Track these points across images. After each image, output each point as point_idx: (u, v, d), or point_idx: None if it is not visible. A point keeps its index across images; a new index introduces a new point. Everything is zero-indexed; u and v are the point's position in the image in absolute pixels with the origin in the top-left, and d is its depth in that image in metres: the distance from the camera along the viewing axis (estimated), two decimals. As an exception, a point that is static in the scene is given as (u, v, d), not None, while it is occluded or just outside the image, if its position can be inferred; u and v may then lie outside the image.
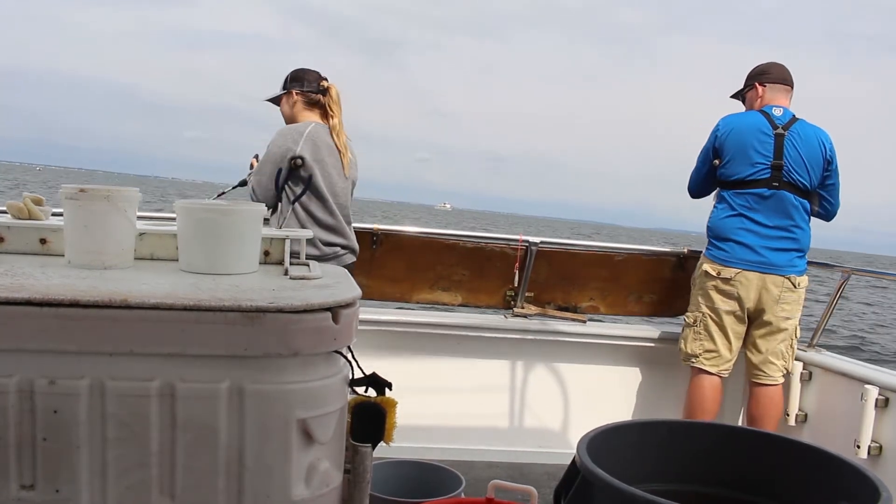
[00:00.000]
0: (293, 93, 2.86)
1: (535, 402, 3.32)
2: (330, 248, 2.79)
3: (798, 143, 2.93)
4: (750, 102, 3.11)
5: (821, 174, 2.96)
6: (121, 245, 1.33)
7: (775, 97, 3.04)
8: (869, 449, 2.68)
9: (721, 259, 2.95)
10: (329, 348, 1.15)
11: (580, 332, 3.30)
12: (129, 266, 1.35)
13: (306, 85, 2.85)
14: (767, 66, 3.10)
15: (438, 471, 2.27)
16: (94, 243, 1.31)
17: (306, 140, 2.73)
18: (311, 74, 2.89)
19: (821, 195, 3.01)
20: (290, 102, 2.88)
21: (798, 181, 2.92)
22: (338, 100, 2.87)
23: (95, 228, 1.30)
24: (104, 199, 1.29)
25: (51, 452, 1.05)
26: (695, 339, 3.00)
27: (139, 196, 1.36)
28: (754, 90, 3.08)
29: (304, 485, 1.15)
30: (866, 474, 1.29)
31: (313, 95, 2.85)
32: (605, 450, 1.36)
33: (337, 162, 2.81)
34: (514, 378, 3.31)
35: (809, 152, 2.93)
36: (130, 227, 1.35)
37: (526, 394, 3.31)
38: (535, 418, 3.31)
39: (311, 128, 2.77)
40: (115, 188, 1.32)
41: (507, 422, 3.31)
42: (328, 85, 2.87)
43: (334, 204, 2.79)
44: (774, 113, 2.97)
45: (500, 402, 3.30)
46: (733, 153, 2.94)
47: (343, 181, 2.84)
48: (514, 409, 3.31)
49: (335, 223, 2.80)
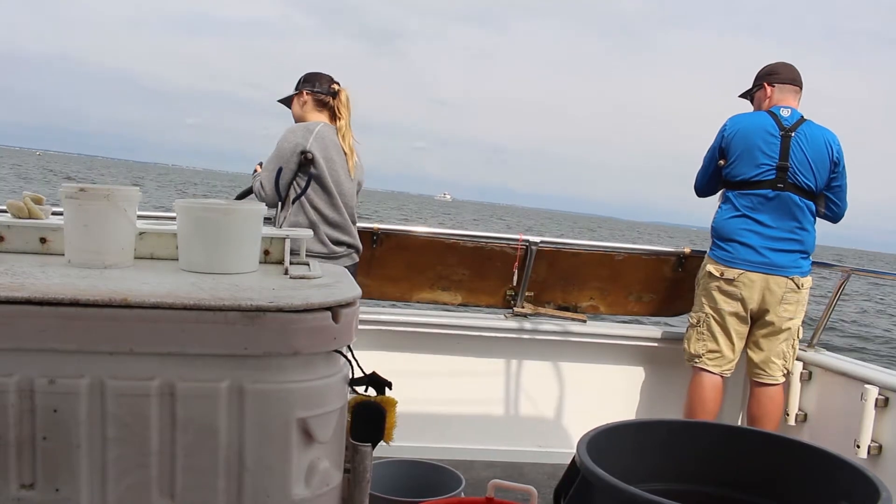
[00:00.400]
0: (304, 93, 2.94)
1: (534, 402, 3.32)
2: (339, 247, 2.83)
3: (805, 145, 2.90)
4: (758, 102, 3.10)
5: (827, 176, 2.94)
6: (121, 244, 1.33)
7: (784, 98, 3.03)
8: (869, 449, 2.68)
9: (724, 260, 2.95)
10: (329, 348, 1.15)
11: (580, 332, 3.30)
12: (129, 265, 1.35)
13: (317, 86, 2.93)
14: (776, 67, 3.09)
15: (438, 470, 2.27)
16: (94, 242, 1.30)
17: (316, 137, 2.79)
18: (324, 77, 2.96)
19: (827, 197, 2.98)
20: (301, 102, 2.95)
21: (803, 183, 2.90)
22: (347, 103, 2.94)
23: (95, 228, 1.30)
24: (104, 199, 1.29)
25: (51, 452, 1.05)
26: (698, 340, 3.00)
27: (139, 195, 1.36)
28: (763, 90, 3.07)
29: (304, 484, 1.15)
30: (866, 474, 1.29)
31: (323, 97, 2.92)
32: (605, 450, 1.36)
33: (343, 162, 2.87)
34: (514, 378, 3.31)
35: (816, 154, 2.91)
36: (130, 226, 1.35)
37: (526, 393, 3.31)
38: (535, 418, 3.31)
39: (320, 127, 2.84)
40: (115, 187, 1.32)
41: (507, 421, 3.31)
42: (339, 88, 2.94)
43: (342, 203, 2.84)
44: (782, 114, 2.96)
45: (500, 401, 3.30)
46: (739, 153, 2.93)
47: (349, 181, 2.89)
48: (514, 409, 3.31)
49: (342, 221, 2.85)
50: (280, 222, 2.79)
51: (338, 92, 2.93)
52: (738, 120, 3.01)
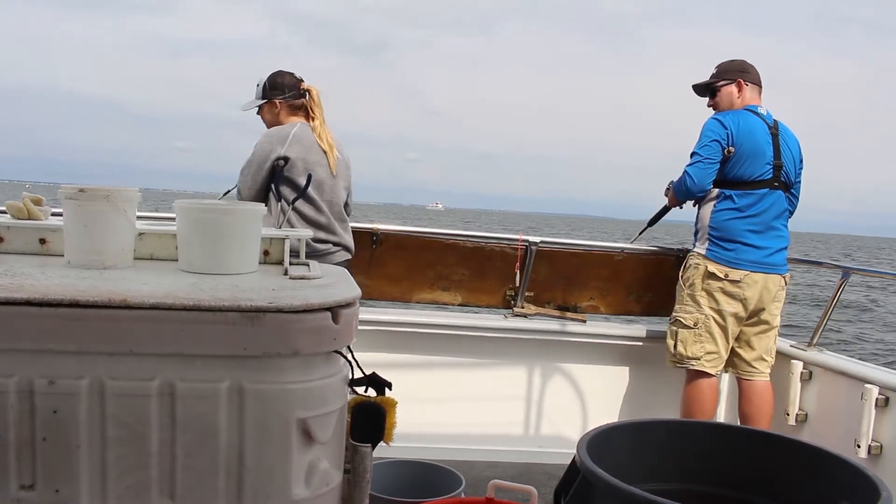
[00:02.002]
0: (276, 102, 2.88)
1: (535, 402, 3.32)
2: (322, 245, 2.80)
3: (788, 143, 2.99)
4: (729, 98, 3.05)
5: (797, 172, 3.06)
6: (120, 245, 1.33)
7: (754, 97, 3.06)
8: (869, 448, 2.68)
9: (728, 261, 2.92)
10: (329, 348, 1.15)
11: (580, 332, 3.30)
12: (129, 266, 1.35)
13: (287, 91, 2.88)
14: (745, 65, 3.08)
15: (438, 471, 2.27)
16: (94, 243, 1.30)
17: (292, 141, 2.75)
18: (289, 79, 2.90)
19: (791, 193, 3.06)
20: (274, 112, 2.90)
21: (788, 180, 3.00)
22: (318, 101, 2.90)
23: (95, 228, 1.30)
24: (104, 199, 1.29)
25: (51, 452, 1.05)
26: (695, 342, 2.97)
27: (139, 196, 1.36)
28: (737, 86, 3.04)
29: (304, 484, 1.15)
30: (866, 474, 1.29)
31: (296, 101, 2.89)
32: (605, 450, 1.36)
33: (323, 160, 2.82)
34: (514, 378, 3.31)
35: (795, 152, 3.03)
36: (130, 227, 1.35)
37: (526, 394, 3.31)
38: (536, 418, 3.31)
39: (297, 129, 2.80)
40: (115, 188, 1.32)
41: (507, 421, 3.30)
42: (308, 87, 2.90)
43: (321, 201, 2.81)
44: (761, 112, 2.99)
45: (500, 401, 3.30)
46: (748, 153, 2.91)
47: (331, 179, 2.84)
48: (514, 409, 3.31)
49: (324, 221, 2.81)
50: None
51: (308, 90, 2.88)
52: (735, 118, 2.96)
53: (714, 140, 2.94)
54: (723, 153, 2.94)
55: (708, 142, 2.95)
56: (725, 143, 2.93)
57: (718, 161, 2.94)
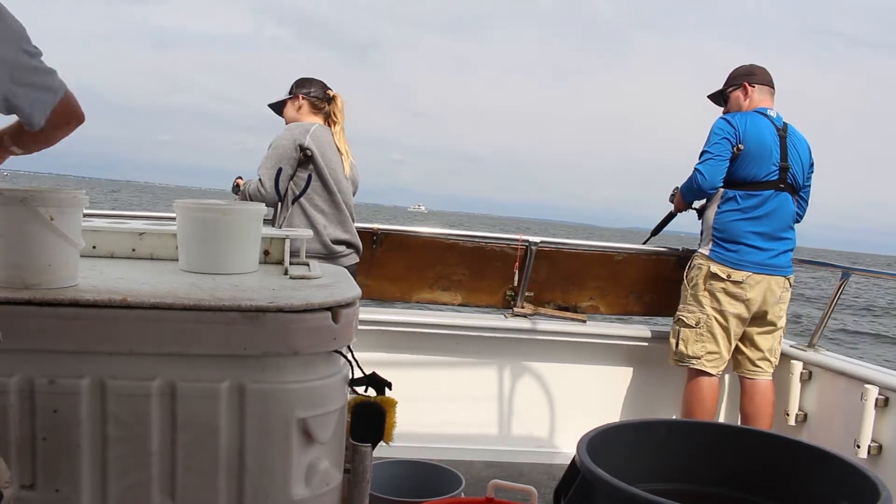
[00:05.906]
0: (300, 97, 2.94)
1: (535, 402, 3.31)
2: (339, 246, 2.84)
3: (797, 146, 2.98)
4: (736, 102, 3.07)
5: (806, 176, 3.04)
6: (47, 261, 1.09)
7: (763, 99, 3.05)
8: (869, 448, 2.68)
9: (731, 262, 2.92)
10: (329, 348, 1.16)
11: (580, 332, 3.30)
12: (73, 284, 1.13)
13: (313, 91, 2.95)
14: (753, 68, 3.09)
15: (438, 471, 2.27)
16: (11, 256, 1.08)
17: (312, 136, 2.81)
18: (317, 83, 2.98)
19: (800, 196, 3.05)
20: (296, 106, 2.96)
21: (796, 183, 2.97)
22: (342, 108, 2.97)
23: (11, 240, 1.08)
24: (20, 204, 1.06)
25: (51, 452, 1.05)
26: (697, 341, 2.98)
27: (83, 200, 1.14)
28: (743, 90, 3.05)
29: (304, 484, 1.15)
30: (866, 474, 1.29)
31: (319, 102, 2.94)
32: (605, 450, 1.35)
33: (340, 161, 2.89)
34: (514, 378, 3.31)
35: (804, 155, 3.00)
36: (61, 239, 1.09)
37: (526, 393, 3.31)
38: (536, 418, 3.31)
39: (316, 127, 2.86)
40: (36, 189, 1.09)
41: (507, 421, 3.30)
42: (334, 94, 2.97)
43: (341, 200, 2.86)
44: (770, 114, 2.98)
45: (500, 401, 3.30)
46: (755, 153, 2.91)
47: (346, 181, 2.91)
48: (514, 409, 3.31)
49: (342, 218, 2.87)
50: (280, 223, 2.79)
51: (334, 97, 2.96)
52: (743, 118, 2.96)
53: (724, 137, 2.93)
54: (733, 150, 2.92)
55: (718, 139, 2.95)
56: (734, 140, 2.92)
57: (729, 158, 2.93)
